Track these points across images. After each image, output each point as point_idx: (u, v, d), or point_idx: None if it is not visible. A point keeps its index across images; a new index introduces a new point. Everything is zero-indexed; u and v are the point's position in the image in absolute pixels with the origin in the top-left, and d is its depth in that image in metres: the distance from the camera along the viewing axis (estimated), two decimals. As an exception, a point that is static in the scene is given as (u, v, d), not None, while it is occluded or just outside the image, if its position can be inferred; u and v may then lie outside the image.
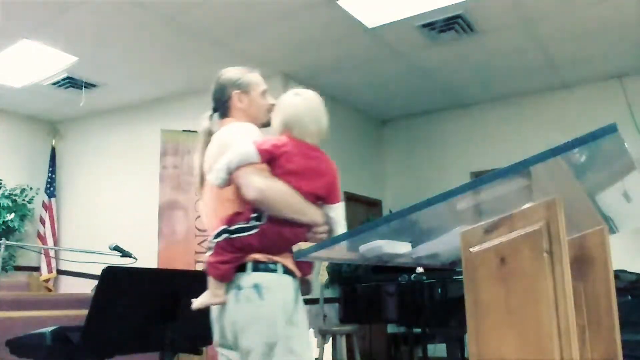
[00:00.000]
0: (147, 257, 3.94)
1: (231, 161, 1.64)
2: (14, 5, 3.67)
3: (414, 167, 5.99)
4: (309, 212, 1.68)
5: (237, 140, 1.71)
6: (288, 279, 1.69)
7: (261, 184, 1.62)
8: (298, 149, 1.69)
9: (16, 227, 5.63)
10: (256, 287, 1.63)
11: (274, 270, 1.66)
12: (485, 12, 3.82)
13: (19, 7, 3.69)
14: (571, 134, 0.90)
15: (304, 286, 1.86)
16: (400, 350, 4.93)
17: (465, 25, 3.96)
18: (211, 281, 1.71)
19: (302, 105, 1.78)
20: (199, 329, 2.22)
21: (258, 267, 1.66)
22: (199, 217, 4.95)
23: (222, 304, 1.69)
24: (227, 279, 1.69)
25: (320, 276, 4.46)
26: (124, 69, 4.83)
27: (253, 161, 1.63)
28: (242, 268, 1.67)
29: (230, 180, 1.66)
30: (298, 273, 1.74)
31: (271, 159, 1.66)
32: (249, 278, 1.64)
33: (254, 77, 2.01)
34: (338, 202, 1.76)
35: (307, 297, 5.02)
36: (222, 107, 1.99)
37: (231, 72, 1.98)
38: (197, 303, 1.73)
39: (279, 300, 1.64)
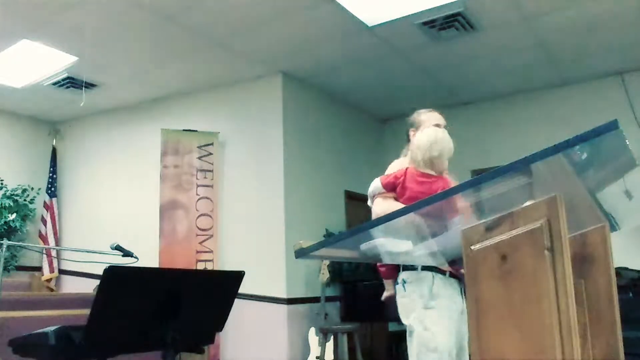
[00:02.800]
0: (148, 257, 3.96)
1: (369, 192, 2.30)
2: (14, 5, 3.67)
3: (415, 165, 5.99)
4: None
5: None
6: (427, 274, 2.15)
7: (378, 210, 2.23)
8: (412, 177, 2.20)
9: (18, 227, 5.64)
10: (403, 281, 2.19)
11: (415, 269, 2.15)
12: (485, 10, 3.81)
13: (19, 7, 3.69)
14: (572, 131, 0.90)
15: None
16: (402, 348, 4.93)
17: (466, 22, 3.95)
18: (384, 280, 2.38)
19: (416, 142, 2.30)
20: (201, 328, 2.23)
21: (404, 267, 2.18)
22: (199, 216, 4.96)
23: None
24: (389, 277, 2.31)
25: (321, 275, 4.46)
26: (124, 69, 4.83)
27: (380, 192, 2.24)
28: (400, 269, 2.22)
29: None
30: (447, 269, 2.17)
31: (394, 188, 2.21)
32: (401, 275, 2.20)
33: (425, 116, 2.43)
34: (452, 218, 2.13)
35: (309, 295, 5.03)
36: (406, 143, 2.51)
37: (413, 114, 2.50)
38: (383, 296, 2.41)
39: (416, 290, 2.15)
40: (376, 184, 2.27)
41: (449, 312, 2.17)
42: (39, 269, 5.90)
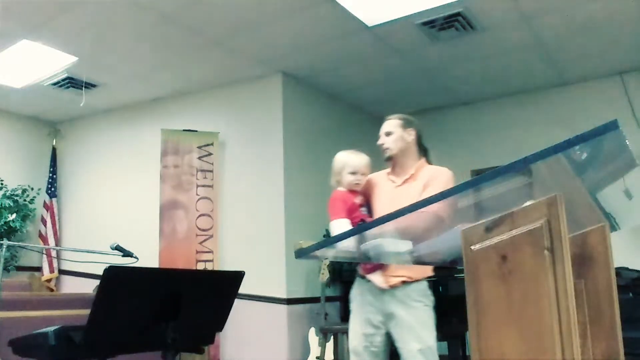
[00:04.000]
0: (148, 257, 3.95)
1: None
2: (14, 5, 3.67)
3: (415, 165, 5.99)
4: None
5: None
6: (358, 280, 2.49)
7: None
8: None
9: (18, 228, 5.64)
10: None
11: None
12: (485, 10, 3.81)
13: (19, 7, 3.69)
14: (572, 131, 0.90)
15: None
16: (402, 349, 4.93)
17: (465, 22, 3.95)
18: None
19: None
20: (201, 328, 2.23)
21: None
22: (199, 216, 4.96)
23: None
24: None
25: (321, 275, 4.46)
26: (124, 69, 4.83)
27: None
28: None
29: None
30: (363, 274, 2.41)
31: None
32: None
33: None
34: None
35: (309, 296, 5.05)
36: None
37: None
38: None
39: None
40: None
41: (356, 316, 2.40)
42: (39, 269, 5.90)
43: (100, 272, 1.83)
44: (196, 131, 5.08)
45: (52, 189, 6.00)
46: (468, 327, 0.99)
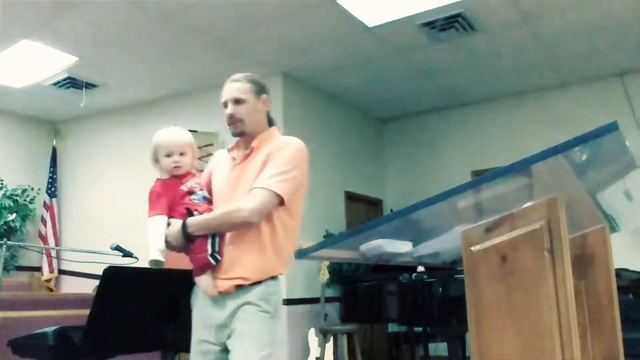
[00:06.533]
0: (148, 257, 3.94)
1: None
2: (14, 5, 3.67)
3: (415, 166, 6.00)
4: None
5: None
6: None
7: None
8: None
9: (18, 228, 5.63)
10: None
11: None
12: (485, 11, 3.82)
13: (19, 7, 3.69)
14: (572, 133, 0.90)
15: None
16: (402, 350, 4.94)
17: (466, 23, 3.95)
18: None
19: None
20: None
21: None
22: (199, 216, 4.96)
23: None
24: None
25: (321, 275, 4.46)
26: (124, 69, 4.83)
27: None
28: None
29: None
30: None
31: None
32: None
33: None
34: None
35: (309, 296, 5.03)
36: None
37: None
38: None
39: None
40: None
41: (194, 327, 1.80)
42: (38, 269, 5.90)
43: (100, 272, 1.83)
44: (196, 131, 5.07)
45: (52, 189, 6.00)
46: (468, 327, 0.99)
